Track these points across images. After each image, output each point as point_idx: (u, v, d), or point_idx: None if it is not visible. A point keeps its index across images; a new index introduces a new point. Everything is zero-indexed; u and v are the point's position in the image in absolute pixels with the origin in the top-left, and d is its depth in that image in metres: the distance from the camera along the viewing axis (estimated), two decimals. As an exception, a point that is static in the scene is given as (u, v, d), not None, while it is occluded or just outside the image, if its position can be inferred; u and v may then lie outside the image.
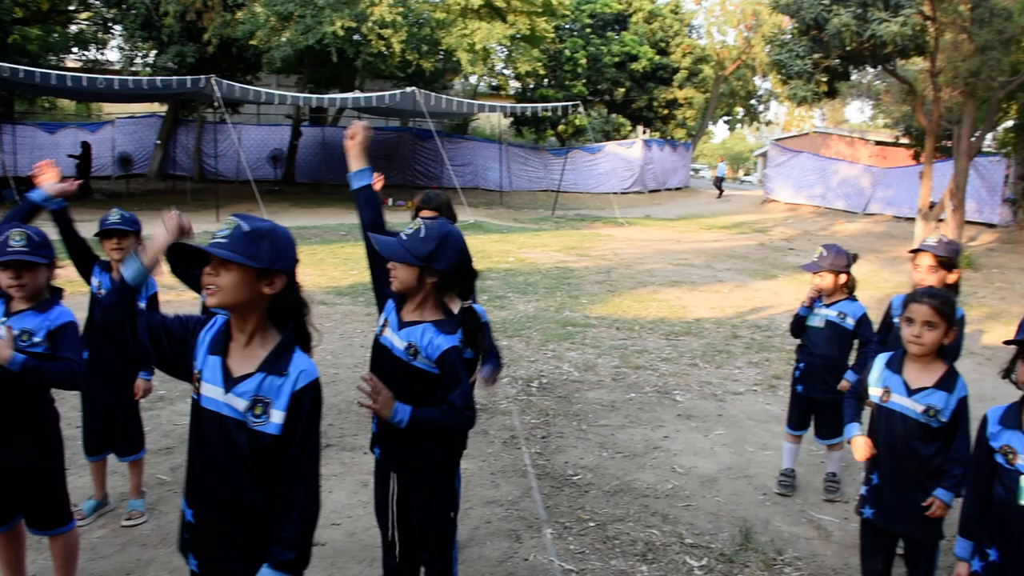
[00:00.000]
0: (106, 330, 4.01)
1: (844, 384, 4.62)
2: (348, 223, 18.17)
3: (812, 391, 4.88)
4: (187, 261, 2.18)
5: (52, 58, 28.77)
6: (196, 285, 4.45)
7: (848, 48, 15.82)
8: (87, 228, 4.03)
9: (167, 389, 6.18)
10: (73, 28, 31.45)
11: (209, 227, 16.11)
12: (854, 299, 4.84)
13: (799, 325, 4.90)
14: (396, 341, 2.84)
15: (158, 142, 29.12)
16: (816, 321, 4.84)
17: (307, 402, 2.13)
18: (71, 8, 31.30)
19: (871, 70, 21.14)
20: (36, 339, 3.14)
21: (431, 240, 2.75)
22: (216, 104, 19.75)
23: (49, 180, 3.58)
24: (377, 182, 4.58)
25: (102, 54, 30.80)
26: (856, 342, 4.80)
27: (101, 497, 4.36)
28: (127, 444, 4.34)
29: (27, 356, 3.05)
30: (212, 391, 2.16)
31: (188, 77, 18.96)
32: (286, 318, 2.21)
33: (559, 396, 6.63)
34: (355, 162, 3.05)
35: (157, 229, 2.23)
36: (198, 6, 23.72)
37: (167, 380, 4.40)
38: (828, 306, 4.81)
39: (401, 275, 2.77)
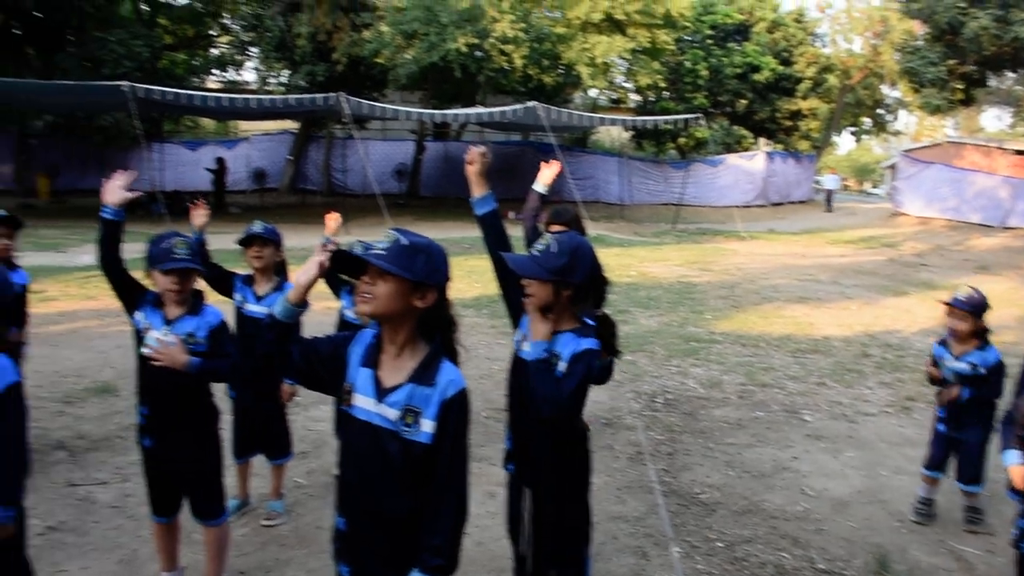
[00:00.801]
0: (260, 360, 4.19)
1: None
2: (471, 236, 18.45)
3: (955, 431, 4.67)
4: (341, 268, 2.29)
5: (195, 80, 30.40)
6: (336, 288, 4.69)
7: (986, 53, 15.10)
8: (222, 240, 4.23)
9: (302, 395, 6.41)
10: (214, 52, 33.20)
11: (337, 239, 16.54)
12: (987, 346, 4.59)
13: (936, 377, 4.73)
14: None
15: (290, 157, 30.34)
16: (948, 374, 4.63)
17: (455, 411, 2.18)
18: (212, 34, 33.15)
19: (1011, 75, 20.07)
20: (199, 339, 3.38)
21: (564, 254, 2.78)
22: (345, 120, 20.43)
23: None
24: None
25: (239, 75, 32.41)
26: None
27: (243, 497, 4.58)
28: (276, 447, 4.54)
29: (200, 359, 3.30)
30: (364, 402, 2.23)
31: (319, 95, 19.70)
32: (434, 332, 2.27)
33: (684, 412, 6.56)
34: (477, 188, 3.08)
35: (305, 266, 2.29)
36: (328, 27, 24.65)
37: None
38: (958, 357, 4.59)
39: (536, 291, 2.80)
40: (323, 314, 5.83)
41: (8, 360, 2.66)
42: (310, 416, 6.02)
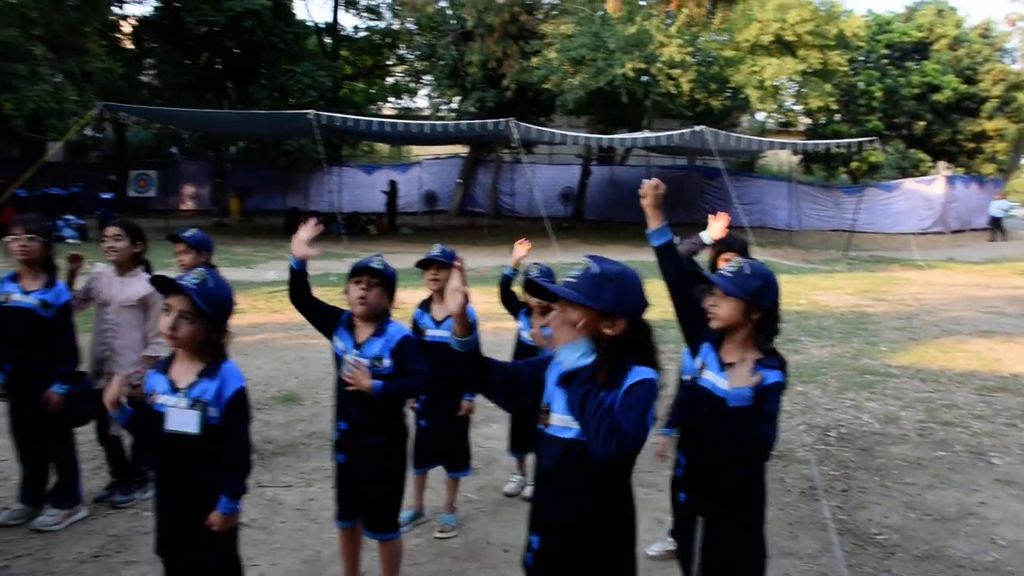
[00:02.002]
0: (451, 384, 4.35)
1: None
2: (637, 259, 18.30)
3: None
4: (535, 294, 2.39)
5: (372, 107, 31.93)
6: (513, 309, 4.87)
7: None
8: (395, 260, 4.33)
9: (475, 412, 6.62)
10: (390, 80, 34.77)
11: (504, 261, 16.99)
12: None
13: None
14: (719, 382, 2.88)
15: (459, 181, 31.29)
16: None
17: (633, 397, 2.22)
18: (389, 63, 34.71)
19: None
20: (385, 362, 3.52)
21: (757, 277, 2.81)
22: (513, 145, 20.90)
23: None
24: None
25: (413, 102, 33.72)
26: None
27: (418, 508, 4.74)
28: (456, 460, 4.70)
29: (383, 380, 3.46)
30: (561, 420, 2.30)
31: (489, 120, 20.26)
32: (630, 355, 2.30)
33: (859, 448, 6.31)
34: (652, 220, 3.09)
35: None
36: (498, 55, 25.34)
37: (478, 402, 4.74)
38: None
39: (725, 311, 2.83)
40: (497, 334, 6.00)
41: (235, 365, 2.92)
42: (481, 433, 6.17)
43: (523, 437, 5.04)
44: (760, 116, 35.25)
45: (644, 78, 23.29)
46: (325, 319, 3.65)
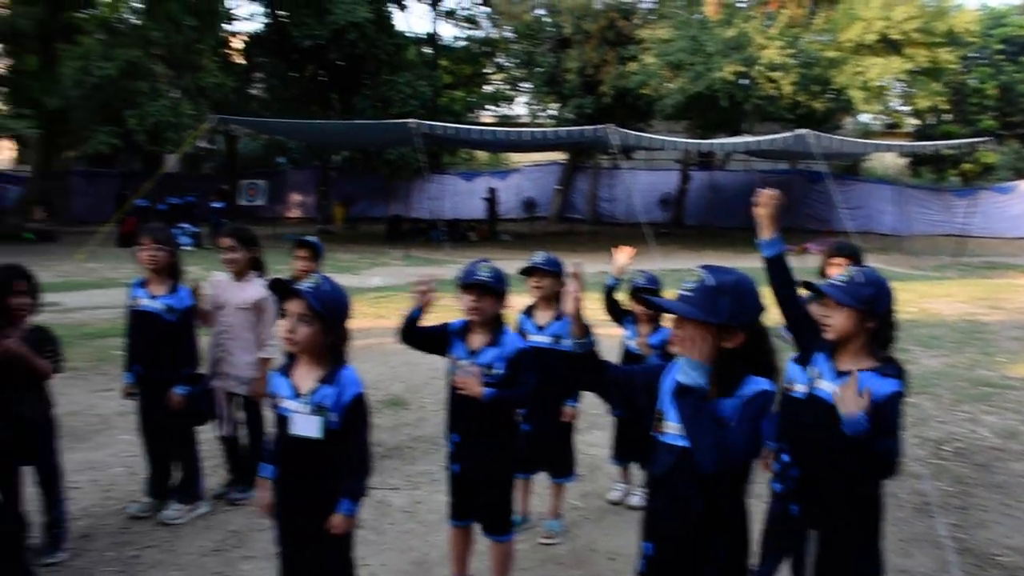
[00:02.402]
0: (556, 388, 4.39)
1: None
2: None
3: None
4: (646, 305, 2.41)
5: (471, 115, 32.35)
6: (618, 317, 4.89)
7: None
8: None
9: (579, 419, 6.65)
10: (488, 88, 35.15)
11: (603, 267, 17.02)
12: None
13: None
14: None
15: (558, 187, 31.40)
16: None
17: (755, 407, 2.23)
18: (487, 72, 35.11)
19: None
20: (497, 371, 3.59)
21: (870, 284, 2.77)
22: (612, 151, 20.86)
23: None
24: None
25: (511, 109, 33.99)
26: None
27: (524, 513, 4.79)
28: (561, 466, 4.72)
29: (494, 389, 3.52)
30: (675, 428, 2.32)
31: (588, 127, 20.27)
32: (747, 366, 2.29)
33: (977, 464, 6.08)
34: (765, 230, 3.08)
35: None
36: (596, 61, 25.34)
37: (582, 409, 4.76)
38: None
39: (838, 322, 2.79)
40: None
41: (355, 372, 3.02)
42: (585, 440, 6.18)
43: (627, 445, 5.06)
44: (864, 118, 34.16)
45: (744, 81, 22.93)
46: (437, 343, 3.75)
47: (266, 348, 4.94)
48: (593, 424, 6.43)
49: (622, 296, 5.14)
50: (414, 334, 3.67)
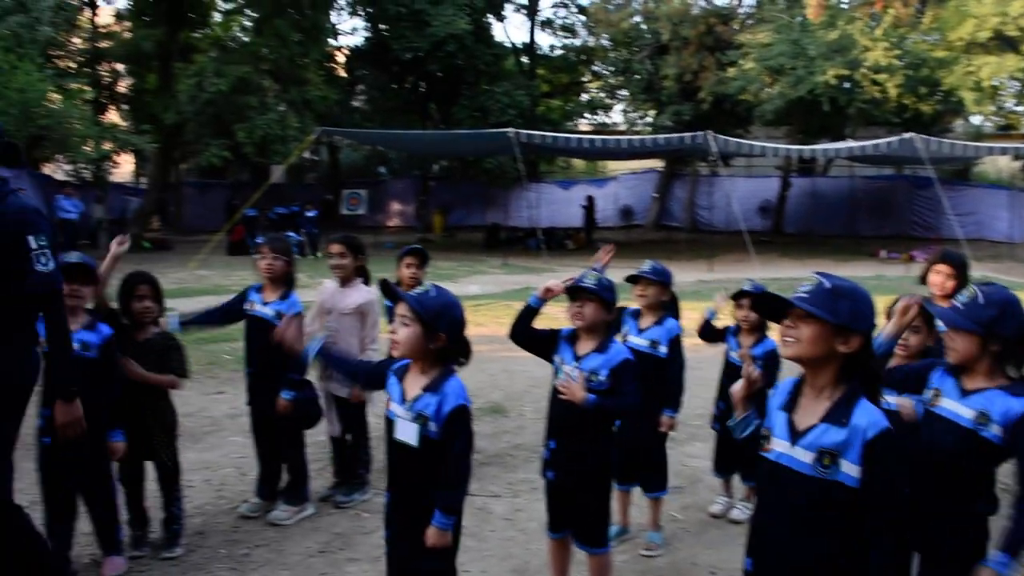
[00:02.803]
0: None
1: None
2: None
3: None
4: (770, 312, 2.37)
5: (568, 123, 32.43)
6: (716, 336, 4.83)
7: None
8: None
9: (678, 430, 6.58)
10: (585, 96, 35.19)
11: (701, 276, 16.90)
12: None
13: None
14: (962, 411, 2.73)
15: (655, 195, 31.17)
16: None
17: (882, 453, 2.13)
18: (584, 80, 35.17)
19: None
20: (600, 378, 3.56)
21: (992, 306, 2.64)
22: (711, 158, 20.61)
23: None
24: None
25: (608, 117, 33.95)
26: None
27: (624, 524, 4.76)
28: (652, 481, 4.67)
29: (596, 396, 3.51)
30: (780, 445, 2.28)
31: (687, 134, 20.08)
32: (856, 377, 2.24)
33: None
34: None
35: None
36: (694, 67, 25.07)
37: (681, 420, 4.72)
38: None
39: (960, 347, 2.69)
40: (696, 351, 5.93)
41: (460, 384, 3.02)
42: (685, 451, 6.13)
43: (728, 457, 4.99)
44: (976, 120, 32.71)
45: (847, 85, 22.28)
46: (545, 345, 3.76)
47: (369, 351, 5.06)
48: (693, 435, 6.36)
49: (718, 306, 5.10)
50: (526, 332, 3.70)
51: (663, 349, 4.46)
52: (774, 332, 2.79)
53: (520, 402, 7.58)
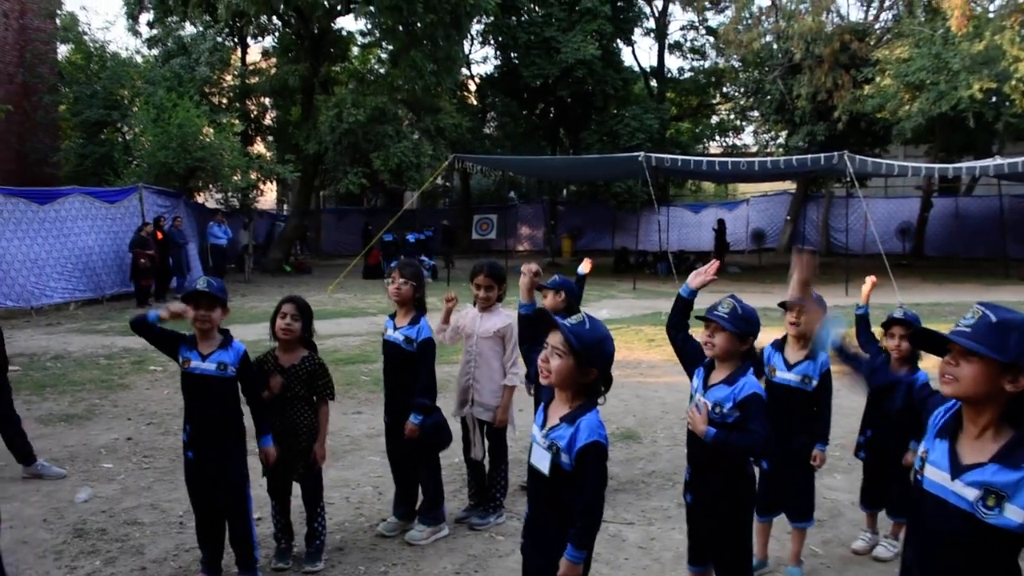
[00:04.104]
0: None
1: None
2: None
3: None
4: (928, 345, 2.26)
5: (698, 146, 32.15)
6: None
7: None
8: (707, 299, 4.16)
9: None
10: (714, 118, 34.78)
11: (837, 300, 16.31)
12: None
13: None
14: None
15: (788, 218, 30.39)
16: None
17: None
18: (714, 102, 34.78)
19: None
20: (726, 410, 3.46)
21: None
22: (846, 179, 19.96)
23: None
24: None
25: (739, 139, 33.47)
26: None
27: (762, 558, 4.62)
28: (799, 510, 4.54)
29: (717, 430, 3.41)
30: (937, 475, 2.18)
31: (821, 155, 19.54)
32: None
33: None
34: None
35: None
36: (828, 86, 24.37)
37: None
38: None
39: None
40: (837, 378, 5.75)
41: (598, 420, 2.96)
42: (824, 483, 5.91)
43: (876, 491, 4.80)
44: None
45: (994, 99, 21.16)
46: (691, 359, 3.71)
47: (509, 376, 5.15)
48: (833, 467, 6.16)
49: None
50: (681, 331, 3.68)
51: (814, 384, 4.34)
52: (927, 361, 2.68)
53: (653, 428, 7.52)
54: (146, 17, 25.98)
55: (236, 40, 28.21)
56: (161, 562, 4.63)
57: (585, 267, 6.51)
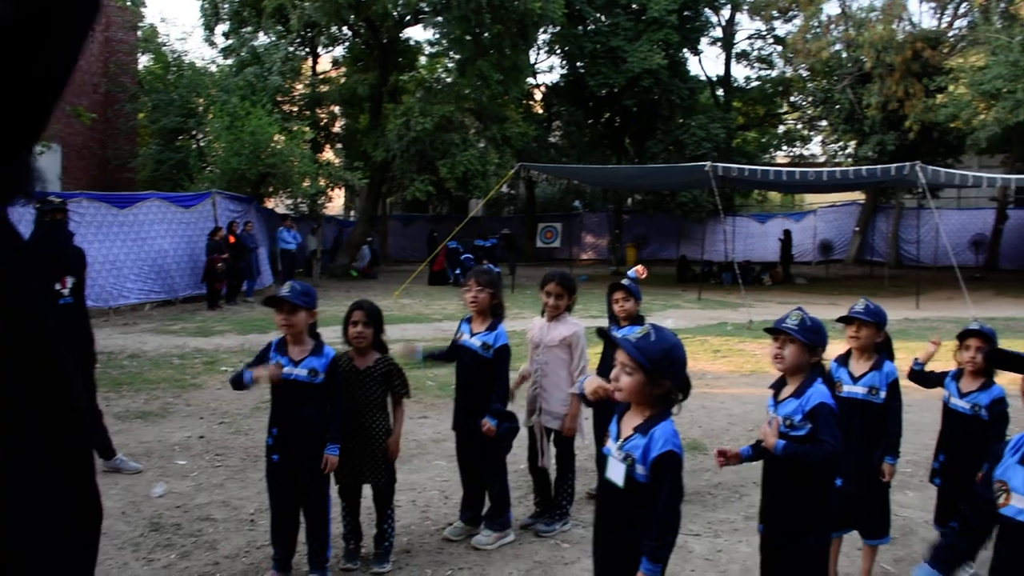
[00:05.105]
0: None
1: None
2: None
3: None
4: (1005, 364, 2.25)
5: (764, 156, 31.80)
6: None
7: None
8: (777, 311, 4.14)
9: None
10: (781, 128, 34.33)
11: (907, 313, 15.98)
12: None
13: None
14: None
15: (856, 229, 29.83)
16: None
17: None
18: (781, 111, 34.32)
19: None
20: (796, 422, 3.42)
21: None
22: (918, 190, 19.51)
23: None
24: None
25: (807, 149, 32.99)
26: None
27: (832, 575, 4.60)
28: (874, 526, 4.44)
29: (787, 442, 3.37)
30: (1022, 502, 2.17)
31: (892, 165, 19.13)
32: None
33: None
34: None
35: None
36: (899, 95, 23.88)
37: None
38: None
39: None
40: (907, 392, 5.64)
41: (672, 429, 2.94)
42: (896, 500, 5.76)
43: (951, 511, 4.69)
44: None
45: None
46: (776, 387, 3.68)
47: (578, 384, 5.16)
48: (905, 483, 6.03)
49: (929, 353, 4.88)
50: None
51: (882, 395, 4.28)
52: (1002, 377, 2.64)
53: (719, 440, 7.45)
54: (222, 28, 26.69)
55: (308, 50, 28.80)
56: (233, 558, 4.75)
57: (638, 271, 6.41)
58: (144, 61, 26.73)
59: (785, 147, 35.22)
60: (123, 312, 15.51)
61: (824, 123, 30.36)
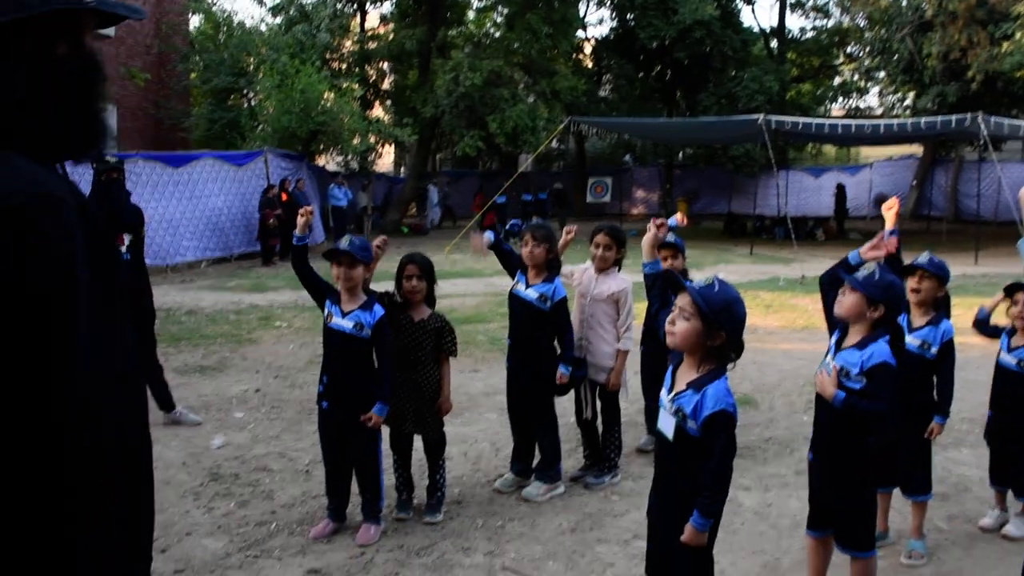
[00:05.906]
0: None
1: None
2: None
3: None
4: None
5: (819, 108, 31.04)
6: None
7: None
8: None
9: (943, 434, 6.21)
10: (837, 80, 33.46)
11: (966, 269, 15.61)
12: None
13: None
14: None
15: (914, 182, 29.10)
16: None
17: None
18: (837, 63, 33.44)
19: None
20: (853, 375, 3.38)
21: None
22: (980, 142, 18.92)
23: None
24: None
25: (863, 101, 32.16)
26: None
27: (883, 529, 4.51)
28: (914, 482, 4.41)
29: (846, 394, 3.35)
30: None
31: (952, 117, 18.55)
32: None
33: None
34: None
35: None
36: (962, 43, 23.04)
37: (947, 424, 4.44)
38: None
39: None
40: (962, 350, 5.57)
41: (726, 388, 2.93)
42: (951, 457, 5.74)
43: (1005, 468, 4.63)
44: None
45: None
46: (831, 327, 3.68)
47: (623, 340, 5.17)
48: (960, 440, 5.96)
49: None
50: (832, 287, 3.61)
51: (933, 351, 4.22)
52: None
53: (771, 394, 7.43)
54: (270, -14, 26.77)
55: (355, 6, 28.72)
56: (289, 507, 4.89)
57: (679, 218, 6.22)
58: (195, 21, 26.93)
59: (841, 99, 34.32)
60: (180, 269, 15.85)
61: (881, 74, 29.45)
